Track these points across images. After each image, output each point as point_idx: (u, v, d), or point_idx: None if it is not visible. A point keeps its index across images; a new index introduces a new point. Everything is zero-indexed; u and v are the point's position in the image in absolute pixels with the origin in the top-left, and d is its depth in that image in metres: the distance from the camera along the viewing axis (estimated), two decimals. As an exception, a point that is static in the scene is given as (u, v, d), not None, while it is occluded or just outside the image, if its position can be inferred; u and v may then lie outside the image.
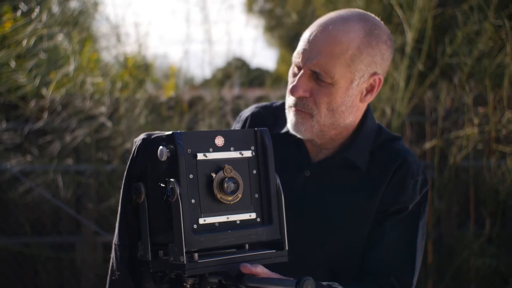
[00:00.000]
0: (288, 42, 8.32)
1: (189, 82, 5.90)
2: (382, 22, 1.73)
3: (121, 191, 1.48)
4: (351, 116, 1.71)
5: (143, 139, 1.45)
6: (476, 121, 4.57)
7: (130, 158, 1.48)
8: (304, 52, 1.63)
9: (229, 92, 4.97)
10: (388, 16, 5.19)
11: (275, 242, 1.42)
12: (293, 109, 1.68)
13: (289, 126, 1.71)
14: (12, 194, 4.77)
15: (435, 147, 4.84)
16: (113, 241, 1.50)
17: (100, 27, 5.80)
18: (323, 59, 1.60)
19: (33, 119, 4.66)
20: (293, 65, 1.69)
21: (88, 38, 6.25)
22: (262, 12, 9.89)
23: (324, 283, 1.56)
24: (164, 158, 1.33)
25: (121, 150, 4.61)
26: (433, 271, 4.95)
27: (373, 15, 1.73)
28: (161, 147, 1.33)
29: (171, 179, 1.32)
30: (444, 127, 4.83)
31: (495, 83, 4.70)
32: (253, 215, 1.40)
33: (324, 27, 1.63)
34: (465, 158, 4.83)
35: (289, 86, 1.68)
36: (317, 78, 1.63)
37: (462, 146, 4.66)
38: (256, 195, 1.40)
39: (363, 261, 1.71)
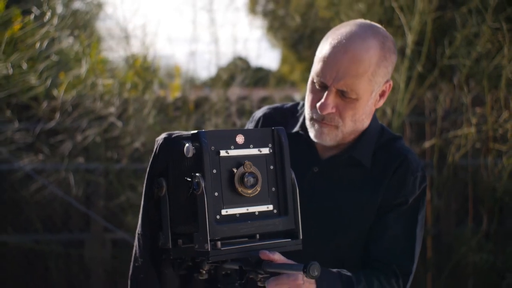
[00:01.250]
0: (291, 43, 8.41)
1: (193, 82, 5.98)
2: (384, 29, 1.86)
3: (144, 185, 1.60)
4: (368, 120, 1.87)
5: (165, 138, 1.58)
6: (474, 121, 4.68)
7: (152, 155, 1.60)
8: (330, 72, 1.74)
9: (234, 93, 5.07)
10: (389, 19, 5.28)
11: (290, 232, 1.56)
12: (319, 123, 1.81)
13: (313, 136, 1.83)
14: (24, 193, 4.87)
15: (434, 146, 4.95)
16: (137, 231, 1.63)
17: (107, 28, 5.88)
18: (349, 79, 1.73)
19: (45, 119, 4.75)
20: (314, 82, 1.80)
21: (95, 39, 6.36)
22: (265, 13, 9.96)
23: (334, 270, 1.70)
24: (190, 155, 1.46)
25: (130, 149, 4.70)
26: (432, 266, 5.06)
27: (376, 24, 1.85)
28: (187, 144, 1.46)
29: (197, 174, 1.44)
30: (443, 127, 4.92)
31: (492, 84, 4.80)
32: (270, 207, 1.53)
33: (346, 48, 1.73)
34: (463, 157, 4.93)
35: (310, 101, 1.81)
36: (342, 95, 1.76)
37: (460, 145, 4.77)
38: (273, 189, 1.53)
39: (367, 251, 1.85)
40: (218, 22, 4.63)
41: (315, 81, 1.79)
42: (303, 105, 1.96)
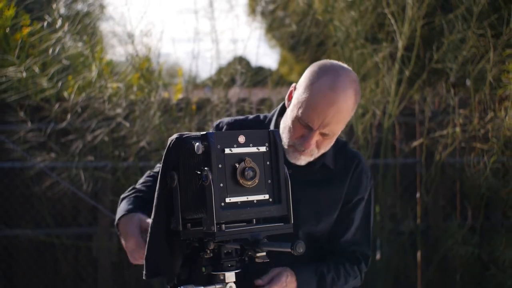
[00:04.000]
0: (290, 44, 8.59)
1: (193, 81, 6.19)
2: (352, 70, 2.13)
3: (158, 178, 1.88)
4: None
5: (177, 138, 1.86)
6: (460, 121, 4.95)
7: (165, 152, 1.88)
8: (317, 120, 2.03)
9: (234, 95, 5.28)
10: (380, 25, 5.53)
11: (283, 217, 1.84)
12: (298, 152, 2.11)
13: (290, 158, 2.12)
14: (36, 189, 5.09)
15: (423, 145, 5.21)
16: (151, 217, 1.91)
17: (112, 31, 6.08)
18: (332, 126, 2.05)
19: (56, 120, 4.98)
20: (299, 120, 2.06)
21: (100, 43, 6.58)
22: (264, 14, 10.11)
23: (311, 265, 2.12)
24: (199, 152, 1.73)
25: (136, 148, 4.92)
26: (421, 259, 5.32)
27: (347, 67, 2.11)
28: (197, 143, 1.73)
29: (205, 168, 1.72)
30: (431, 127, 5.19)
31: (477, 87, 5.05)
32: (266, 196, 1.80)
33: (331, 101, 2.01)
34: (451, 155, 5.19)
35: (293, 132, 2.09)
36: (323, 134, 2.07)
37: (448, 145, 5.03)
38: (269, 181, 1.80)
39: (334, 243, 2.24)
40: (218, 27, 4.83)
41: (300, 121, 2.06)
42: (266, 117, 2.28)
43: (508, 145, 4.66)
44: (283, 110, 2.23)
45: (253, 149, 1.78)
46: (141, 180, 2.32)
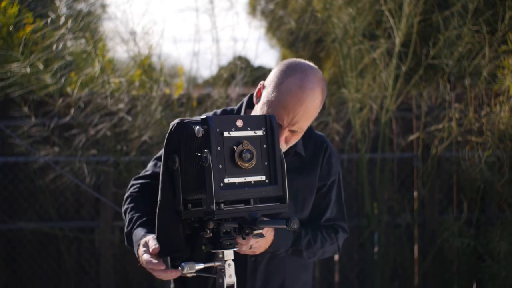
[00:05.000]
0: (289, 43, 8.68)
1: (195, 81, 6.27)
2: (318, 69, 2.21)
3: (162, 161, 1.97)
4: None
5: (178, 122, 1.95)
6: (456, 115, 5.03)
7: (167, 136, 1.96)
8: (287, 118, 2.11)
9: (234, 91, 5.37)
10: (378, 22, 5.62)
11: (279, 197, 1.93)
12: None
13: None
14: (39, 183, 5.17)
15: (419, 140, 5.30)
16: (158, 199, 2.00)
17: (114, 29, 6.16)
18: (301, 123, 2.13)
19: (60, 114, 5.07)
20: (271, 109, 2.12)
21: (101, 39, 6.66)
22: (264, 14, 10.18)
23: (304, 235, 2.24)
24: (200, 135, 1.82)
25: (138, 142, 5.01)
26: (417, 252, 5.40)
27: (314, 65, 2.19)
28: (198, 127, 1.82)
29: (205, 150, 1.80)
30: (428, 121, 5.28)
31: (473, 82, 5.14)
32: (263, 178, 1.88)
33: (300, 100, 2.09)
34: (447, 150, 5.27)
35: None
36: (291, 131, 2.16)
37: (444, 139, 5.11)
38: (266, 163, 1.89)
39: (314, 222, 2.36)
40: (219, 24, 4.93)
41: (271, 109, 2.13)
42: (233, 110, 2.37)
43: (502, 138, 4.75)
44: (250, 103, 2.32)
45: (250, 133, 1.87)
46: (136, 184, 2.35)
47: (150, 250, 1.97)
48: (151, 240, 2.00)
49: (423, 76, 5.29)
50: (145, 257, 1.97)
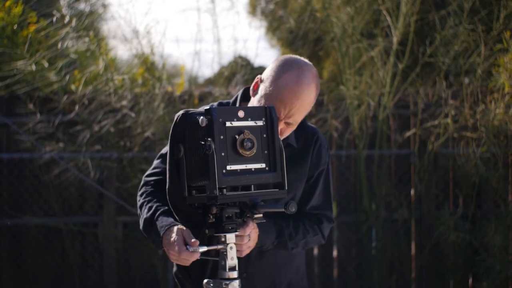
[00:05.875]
0: (289, 42, 8.77)
1: (196, 80, 6.37)
2: (312, 65, 2.31)
3: (168, 150, 2.09)
4: None
5: (183, 113, 2.08)
6: (452, 112, 5.14)
7: (172, 126, 2.08)
8: (284, 111, 2.21)
9: (235, 89, 5.46)
10: (376, 21, 5.74)
11: (278, 184, 2.04)
12: None
13: None
14: (44, 178, 5.27)
15: (415, 135, 5.40)
16: (166, 186, 2.12)
17: (117, 28, 6.25)
18: (296, 116, 2.24)
19: (65, 111, 5.17)
20: (268, 102, 2.21)
21: (104, 38, 6.77)
22: (264, 13, 10.27)
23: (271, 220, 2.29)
24: (203, 125, 1.93)
25: (141, 138, 5.10)
26: (414, 246, 5.51)
27: (308, 62, 2.29)
28: (201, 117, 1.93)
29: (209, 139, 1.91)
30: (424, 118, 5.39)
31: (469, 80, 5.24)
32: (263, 165, 1.99)
33: (297, 95, 2.20)
34: (443, 146, 5.38)
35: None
36: (287, 123, 2.26)
37: (440, 135, 5.22)
38: (266, 151, 2.00)
39: (301, 211, 2.43)
40: (220, 23, 5.01)
41: (268, 101, 2.22)
42: (229, 103, 2.46)
43: (497, 135, 4.86)
44: (245, 96, 2.42)
45: (251, 123, 1.98)
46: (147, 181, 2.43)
47: (189, 242, 2.03)
48: (186, 231, 2.07)
49: (420, 74, 5.39)
50: (178, 248, 2.05)
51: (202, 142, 1.94)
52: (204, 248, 2.01)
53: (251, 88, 2.33)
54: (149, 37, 5.20)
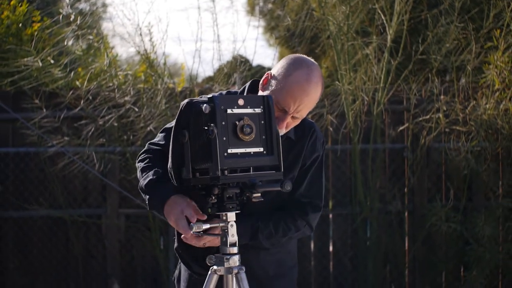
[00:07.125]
0: (286, 40, 8.91)
1: (194, 79, 6.51)
2: (318, 65, 2.49)
3: (172, 135, 2.25)
4: None
5: (188, 102, 2.25)
6: (444, 107, 5.31)
7: (177, 114, 2.25)
8: (293, 106, 2.35)
9: (234, 87, 5.59)
10: (370, 19, 5.90)
11: (275, 166, 2.21)
12: None
13: None
14: (49, 171, 5.44)
15: (408, 130, 5.57)
16: (168, 166, 2.29)
17: (117, 25, 6.40)
18: (303, 111, 2.40)
19: (70, 106, 5.33)
20: (276, 105, 2.32)
21: (106, 37, 6.93)
22: (262, 13, 10.42)
23: (250, 220, 2.43)
24: (207, 111, 2.10)
25: (144, 132, 5.27)
26: (408, 237, 5.68)
27: (314, 61, 2.46)
28: (205, 104, 2.11)
29: (211, 124, 2.09)
30: (417, 113, 5.55)
31: (459, 76, 5.41)
32: (261, 149, 2.16)
33: (306, 91, 2.35)
34: (435, 141, 5.54)
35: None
36: (294, 117, 2.41)
37: (432, 129, 5.38)
38: (263, 137, 2.17)
39: (290, 197, 2.55)
40: (220, 22, 5.15)
41: (277, 105, 2.37)
42: (237, 92, 2.61)
43: (487, 129, 5.03)
44: (252, 88, 2.56)
45: (250, 110, 2.15)
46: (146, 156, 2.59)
47: (197, 215, 2.22)
48: (193, 207, 2.25)
49: (412, 70, 5.55)
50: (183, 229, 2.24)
51: (206, 128, 2.11)
52: (206, 226, 2.19)
53: (261, 82, 2.48)
54: (151, 34, 5.36)
